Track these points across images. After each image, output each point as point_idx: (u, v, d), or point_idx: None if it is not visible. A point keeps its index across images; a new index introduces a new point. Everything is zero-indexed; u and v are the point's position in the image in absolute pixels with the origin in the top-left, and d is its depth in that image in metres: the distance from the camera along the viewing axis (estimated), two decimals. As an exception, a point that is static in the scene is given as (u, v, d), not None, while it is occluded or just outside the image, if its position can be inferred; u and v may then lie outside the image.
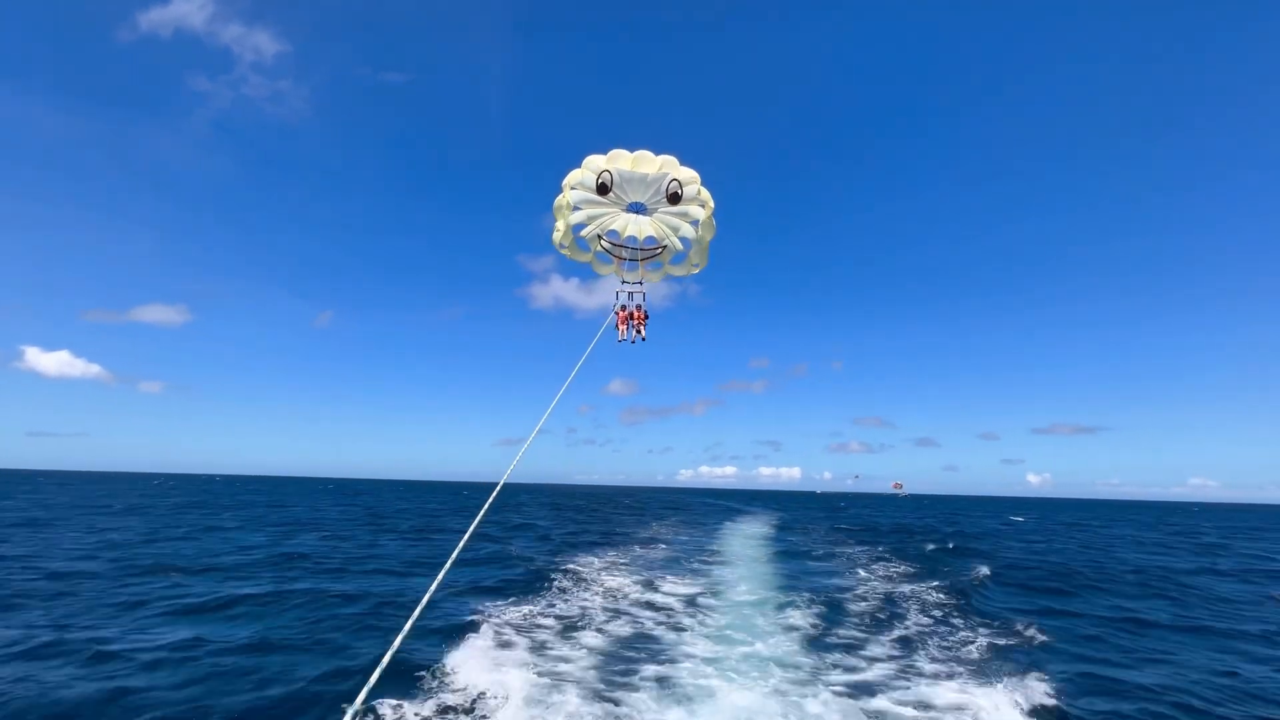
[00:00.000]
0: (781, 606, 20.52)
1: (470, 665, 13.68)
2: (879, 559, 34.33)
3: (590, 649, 15.44)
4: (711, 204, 10.32)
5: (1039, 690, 13.03)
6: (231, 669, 13.43)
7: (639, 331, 11.10)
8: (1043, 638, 17.27)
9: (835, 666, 14.63)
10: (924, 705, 12.45)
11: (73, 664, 13.40)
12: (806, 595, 22.05)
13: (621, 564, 29.81)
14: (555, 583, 23.43)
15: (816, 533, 52.17)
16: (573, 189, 9.61)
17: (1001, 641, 16.87)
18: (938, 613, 20.19)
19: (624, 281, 10.93)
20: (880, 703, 12.50)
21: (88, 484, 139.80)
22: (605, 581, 24.39)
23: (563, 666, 14.04)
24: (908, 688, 13.39)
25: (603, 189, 9.51)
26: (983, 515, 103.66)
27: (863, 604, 21.40)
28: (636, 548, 36.31)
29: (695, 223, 10.33)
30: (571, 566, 27.86)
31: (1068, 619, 20.34)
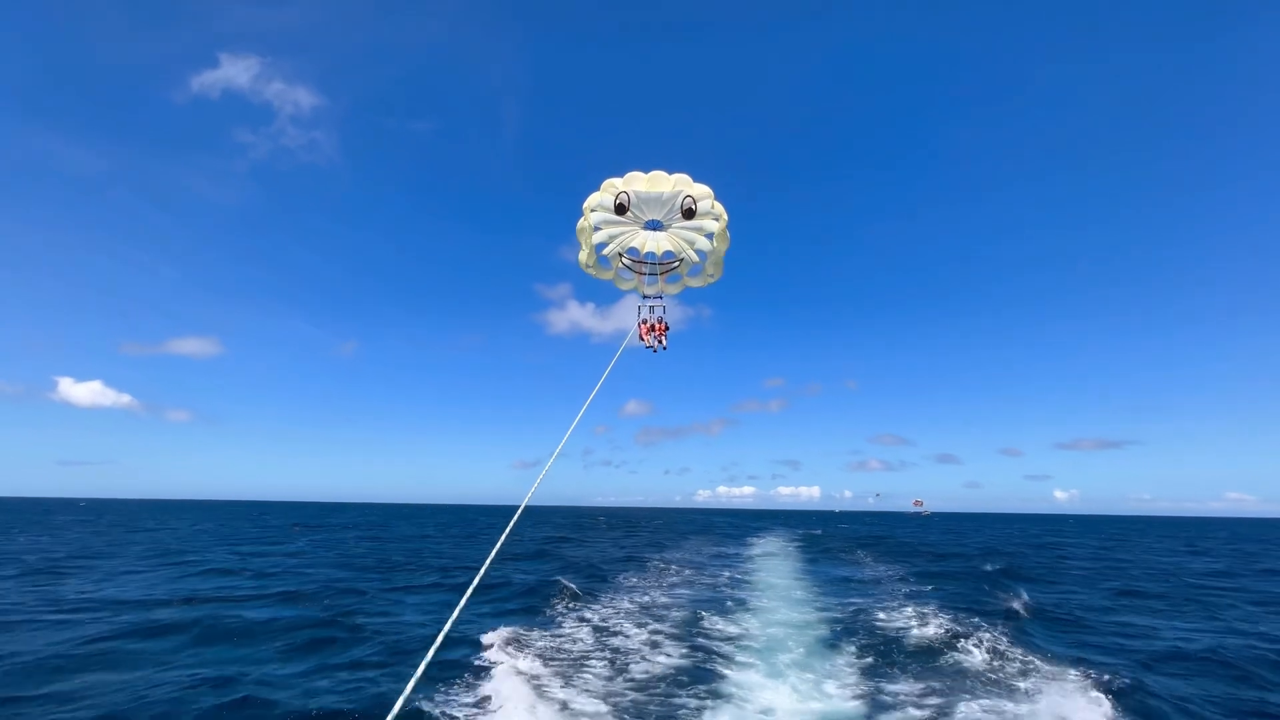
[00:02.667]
0: (814, 632, 19.72)
1: (497, 689, 13.56)
2: (911, 582, 33.40)
3: (616, 673, 15.32)
4: (725, 217, 10.76)
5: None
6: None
7: (661, 341, 11.47)
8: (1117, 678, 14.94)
9: (877, 696, 13.93)
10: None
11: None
12: (840, 621, 21.04)
13: (646, 585, 29.75)
14: (581, 606, 23.20)
15: (841, 553, 51.18)
16: (593, 211, 10.11)
17: (1062, 678, 15.03)
18: (986, 643, 17.88)
19: (644, 296, 11.36)
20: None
21: (184, 512, 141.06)
22: (630, 603, 24.28)
23: (592, 690, 13.97)
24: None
25: (620, 209, 10.01)
26: (1014, 533, 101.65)
27: (896, 632, 19.71)
28: (660, 568, 36.09)
29: (710, 235, 10.77)
30: (595, 589, 27.82)
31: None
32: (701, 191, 10.43)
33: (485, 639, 17.52)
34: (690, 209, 10.43)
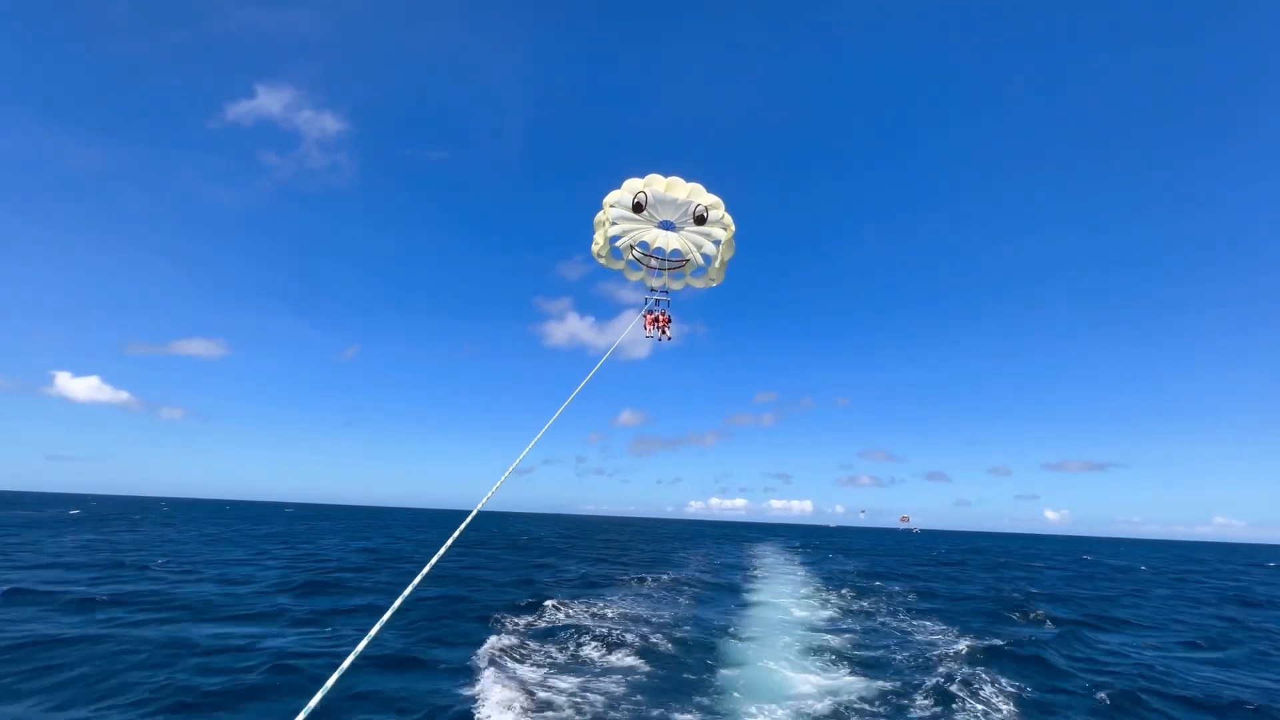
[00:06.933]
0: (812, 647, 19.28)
1: (485, 700, 13.42)
2: (895, 597, 33.66)
3: (608, 683, 15.18)
4: (733, 228, 11.60)
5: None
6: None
7: (664, 332, 12.11)
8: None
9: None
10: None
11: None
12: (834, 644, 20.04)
13: (635, 599, 29.71)
14: (571, 617, 22.73)
15: (838, 573, 51.15)
16: (612, 206, 10.91)
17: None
18: (986, 673, 16.81)
19: (651, 289, 12.07)
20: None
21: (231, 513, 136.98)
22: (621, 615, 24.04)
23: (579, 700, 13.88)
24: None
25: (637, 207, 10.81)
26: (1001, 550, 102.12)
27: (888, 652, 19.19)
28: (650, 581, 35.41)
29: (717, 242, 11.56)
30: (582, 601, 27.44)
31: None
32: (714, 201, 11.33)
33: (474, 651, 17.11)
34: (702, 216, 11.25)
